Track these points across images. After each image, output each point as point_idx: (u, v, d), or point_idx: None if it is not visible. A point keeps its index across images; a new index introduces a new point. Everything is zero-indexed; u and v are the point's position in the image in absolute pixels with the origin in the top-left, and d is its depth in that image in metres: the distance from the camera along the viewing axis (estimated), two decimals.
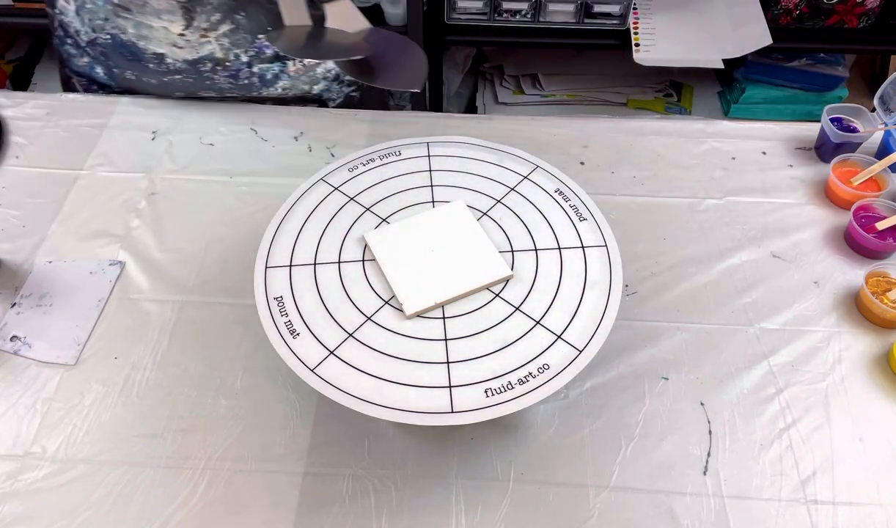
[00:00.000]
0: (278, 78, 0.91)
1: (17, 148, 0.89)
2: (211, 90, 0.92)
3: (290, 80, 0.92)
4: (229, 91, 0.92)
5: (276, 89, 0.92)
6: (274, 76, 0.90)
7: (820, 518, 0.59)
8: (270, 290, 0.62)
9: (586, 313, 0.60)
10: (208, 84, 0.90)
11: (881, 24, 1.57)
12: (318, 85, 0.94)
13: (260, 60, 0.88)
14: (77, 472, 0.61)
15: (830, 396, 0.67)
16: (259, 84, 0.91)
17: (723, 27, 1.56)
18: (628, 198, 0.84)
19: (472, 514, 0.59)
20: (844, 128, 0.87)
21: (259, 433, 0.64)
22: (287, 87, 0.92)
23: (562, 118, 0.94)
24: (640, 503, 0.60)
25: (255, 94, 0.92)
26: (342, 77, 0.95)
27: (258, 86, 0.91)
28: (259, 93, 0.92)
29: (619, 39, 1.55)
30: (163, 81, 0.90)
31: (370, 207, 0.69)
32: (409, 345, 0.58)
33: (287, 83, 0.92)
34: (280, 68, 0.90)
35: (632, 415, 0.65)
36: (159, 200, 0.83)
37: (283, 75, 0.91)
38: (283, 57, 0.89)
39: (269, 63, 0.89)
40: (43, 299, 0.73)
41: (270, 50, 0.88)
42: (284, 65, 0.90)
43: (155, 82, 0.91)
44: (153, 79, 0.90)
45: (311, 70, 0.92)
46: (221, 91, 0.92)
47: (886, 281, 0.73)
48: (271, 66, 0.89)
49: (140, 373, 0.68)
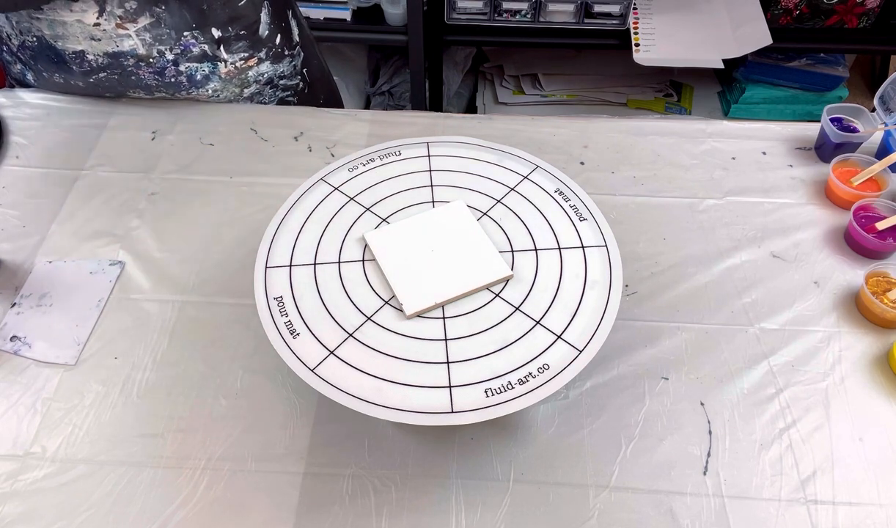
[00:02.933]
0: (208, 79, 0.89)
1: (17, 148, 0.89)
2: (138, 88, 0.90)
3: (222, 83, 0.90)
4: (157, 89, 0.90)
5: (206, 91, 0.91)
6: (204, 77, 0.89)
7: (820, 518, 0.59)
8: (270, 290, 0.62)
9: (586, 313, 0.60)
10: (134, 80, 0.88)
11: (881, 24, 1.57)
12: (248, 88, 0.93)
13: (187, 59, 0.86)
14: (77, 472, 0.61)
15: (830, 396, 0.67)
16: (188, 84, 0.89)
17: (723, 27, 1.56)
18: (628, 198, 0.84)
19: (472, 514, 0.59)
20: (844, 128, 0.86)
21: (259, 433, 0.64)
22: (217, 89, 0.91)
23: (562, 118, 0.94)
24: (640, 503, 0.60)
25: (184, 93, 0.91)
26: (276, 81, 0.94)
27: (187, 86, 0.89)
28: (189, 93, 0.91)
29: (619, 39, 1.55)
30: (89, 82, 0.89)
31: (370, 207, 0.69)
32: (409, 345, 0.58)
33: (217, 85, 0.90)
34: (210, 69, 0.88)
35: (632, 415, 0.65)
36: (159, 200, 0.83)
37: (214, 77, 0.89)
38: (214, 57, 0.87)
39: (197, 62, 0.87)
40: (43, 299, 0.73)
41: (197, 48, 0.86)
42: (215, 66, 0.88)
43: (82, 84, 0.89)
44: (79, 81, 0.88)
45: (243, 73, 0.91)
46: (150, 89, 0.90)
47: (886, 281, 0.73)
48: (200, 66, 0.87)
49: (140, 373, 0.68)
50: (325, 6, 1.53)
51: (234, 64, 0.89)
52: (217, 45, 0.86)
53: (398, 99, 1.81)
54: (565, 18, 1.54)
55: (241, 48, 0.88)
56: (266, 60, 0.91)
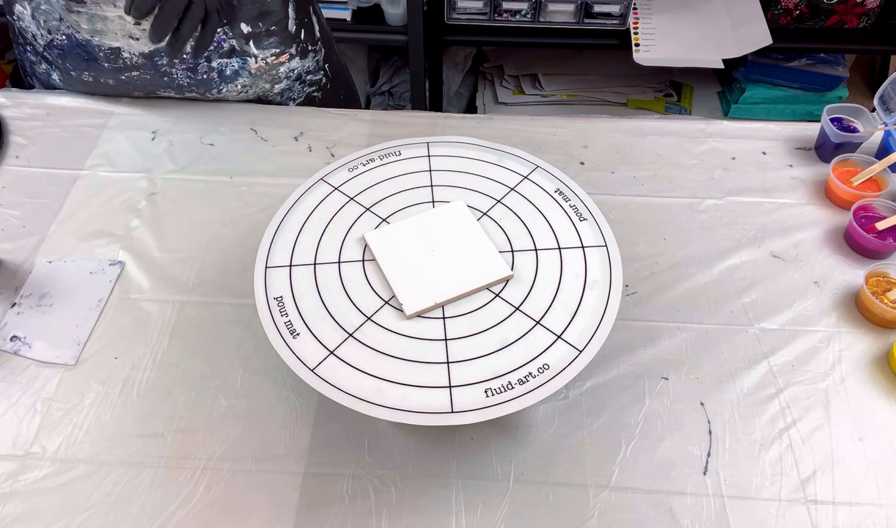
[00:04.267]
0: (238, 75, 0.89)
1: (17, 148, 0.89)
2: (169, 88, 0.90)
3: (251, 78, 0.90)
4: (188, 88, 0.90)
5: (235, 87, 0.90)
6: (234, 73, 0.89)
7: (820, 518, 0.59)
8: (270, 290, 0.62)
9: (586, 313, 0.60)
10: (166, 80, 0.88)
11: (881, 24, 1.57)
12: (279, 84, 0.93)
13: (218, 55, 0.87)
14: (77, 472, 0.61)
15: (830, 396, 0.67)
16: (218, 80, 0.89)
17: (723, 27, 1.56)
18: (628, 198, 0.84)
19: (472, 514, 0.59)
20: (844, 128, 0.86)
21: (259, 433, 0.64)
22: (247, 84, 0.91)
23: (562, 118, 0.94)
24: (640, 503, 0.60)
25: (215, 91, 0.91)
26: (303, 77, 0.94)
27: (217, 82, 0.89)
28: (219, 91, 0.91)
29: (619, 39, 1.55)
30: (120, 80, 0.88)
31: (370, 207, 0.69)
32: (409, 345, 0.58)
33: (247, 80, 0.90)
34: (240, 64, 0.88)
35: (632, 415, 0.65)
36: (159, 200, 0.83)
37: (244, 72, 0.89)
38: (243, 52, 0.87)
39: (227, 58, 0.87)
40: (43, 299, 0.73)
41: (227, 43, 0.86)
42: (245, 62, 0.88)
43: (112, 82, 0.89)
44: (110, 78, 0.88)
45: (274, 69, 0.91)
46: (180, 89, 0.90)
47: (886, 281, 0.73)
48: (230, 62, 0.87)
49: (140, 373, 0.68)
50: (325, 6, 1.53)
51: (264, 60, 0.89)
52: (246, 40, 0.87)
53: (398, 99, 1.81)
54: (565, 18, 1.54)
55: (272, 44, 0.89)
56: (296, 56, 0.92)
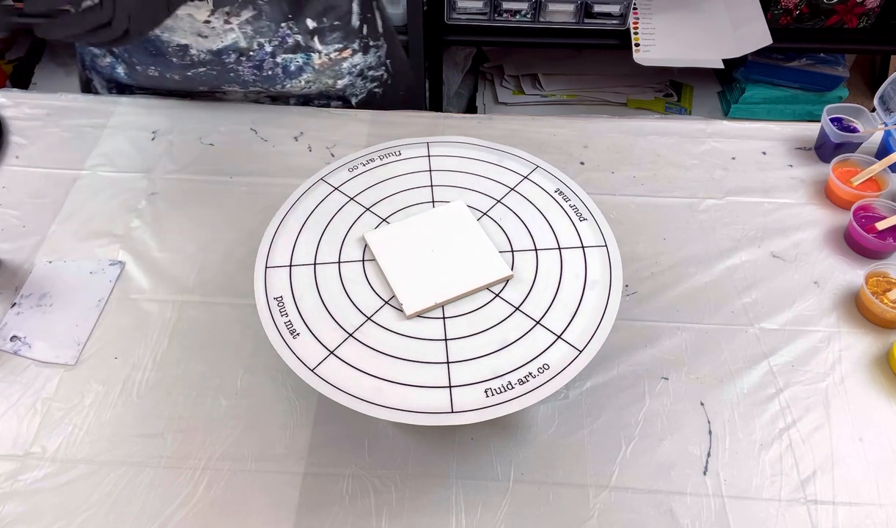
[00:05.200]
0: (302, 70, 0.89)
1: (17, 148, 0.89)
2: (234, 84, 0.90)
3: (315, 74, 0.90)
4: (253, 84, 0.90)
5: (299, 82, 0.90)
6: (298, 68, 0.89)
7: (820, 518, 0.59)
8: (270, 290, 0.62)
9: (586, 313, 0.60)
10: (232, 76, 0.89)
11: (881, 24, 1.57)
12: (342, 80, 0.93)
13: (283, 50, 0.87)
14: (77, 472, 0.61)
15: (830, 396, 0.67)
16: (283, 76, 0.89)
17: (723, 27, 1.56)
18: (628, 198, 0.84)
19: (472, 514, 0.59)
20: (844, 128, 0.86)
21: (259, 433, 0.64)
22: (311, 80, 0.91)
23: (562, 118, 0.94)
24: (640, 503, 0.60)
25: (279, 87, 0.91)
26: (365, 73, 0.94)
27: (282, 77, 0.89)
28: (283, 86, 0.91)
29: (619, 39, 1.55)
30: (186, 76, 0.89)
31: (370, 207, 0.69)
32: (409, 345, 0.58)
33: (311, 76, 0.90)
34: (304, 60, 0.88)
35: (632, 415, 0.65)
36: (159, 200, 0.83)
37: (308, 68, 0.89)
38: (307, 48, 0.87)
39: (291, 53, 0.87)
40: (43, 299, 0.73)
41: (291, 39, 0.86)
42: (309, 57, 0.88)
43: (178, 77, 0.89)
44: (176, 74, 0.88)
45: (337, 64, 0.91)
46: (245, 85, 0.90)
47: (886, 281, 0.73)
48: (294, 58, 0.87)
49: (140, 373, 0.68)
50: None
51: (328, 55, 0.89)
52: (311, 35, 0.87)
53: None
54: (565, 18, 1.53)
55: (336, 40, 0.89)
56: (358, 51, 0.92)
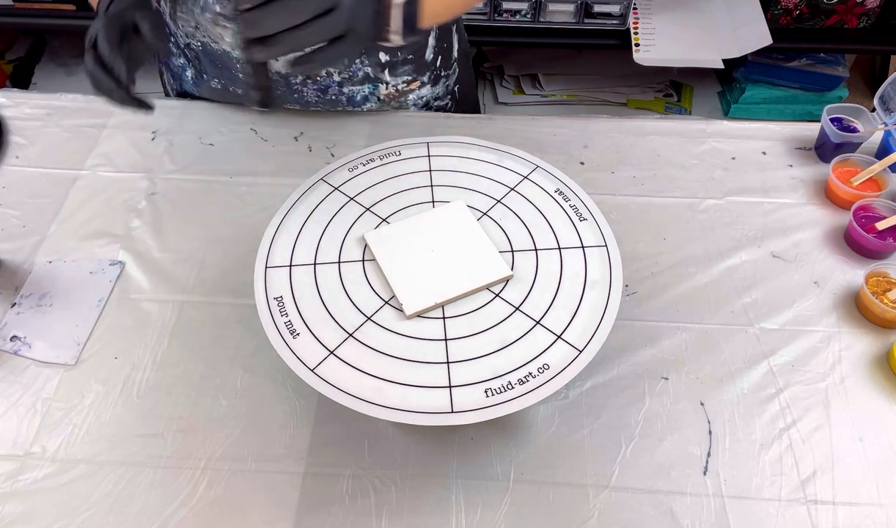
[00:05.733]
0: (367, 100, 0.90)
1: (17, 148, 0.89)
2: (296, 103, 0.91)
3: (379, 104, 0.91)
4: (315, 105, 0.91)
5: (361, 110, 0.91)
6: (363, 98, 0.90)
7: (820, 518, 0.59)
8: (270, 290, 0.62)
9: (586, 313, 0.60)
10: (295, 97, 0.89)
11: (881, 24, 1.57)
12: (406, 111, 0.93)
13: (352, 83, 0.87)
14: (77, 472, 0.61)
15: (830, 396, 0.66)
16: (346, 103, 0.90)
17: (723, 27, 1.56)
18: (628, 198, 0.84)
19: (472, 514, 0.59)
20: (844, 128, 0.86)
21: (259, 433, 0.64)
22: (373, 109, 0.92)
23: (562, 118, 0.94)
24: (640, 503, 0.60)
25: (340, 109, 0.91)
26: (431, 103, 0.94)
27: (345, 103, 0.90)
28: (344, 109, 0.91)
29: (619, 39, 1.55)
30: (249, 93, 0.89)
31: (370, 207, 0.69)
32: (409, 345, 0.58)
33: (374, 106, 0.91)
34: (370, 90, 0.89)
35: (632, 415, 0.65)
36: (159, 200, 0.83)
37: (372, 98, 0.90)
38: (375, 79, 0.88)
39: (359, 85, 0.88)
40: (43, 299, 0.73)
41: (362, 72, 0.86)
42: (375, 87, 0.89)
43: (241, 92, 0.90)
44: (239, 88, 0.89)
45: (403, 95, 0.91)
46: (307, 105, 0.91)
47: (886, 281, 0.72)
48: (361, 88, 0.88)
49: (140, 373, 0.68)
50: None
51: (395, 87, 0.89)
52: (382, 68, 0.87)
53: None
54: (565, 18, 1.53)
55: (406, 72, 0.89)
56: (427, 84, 0.92)
